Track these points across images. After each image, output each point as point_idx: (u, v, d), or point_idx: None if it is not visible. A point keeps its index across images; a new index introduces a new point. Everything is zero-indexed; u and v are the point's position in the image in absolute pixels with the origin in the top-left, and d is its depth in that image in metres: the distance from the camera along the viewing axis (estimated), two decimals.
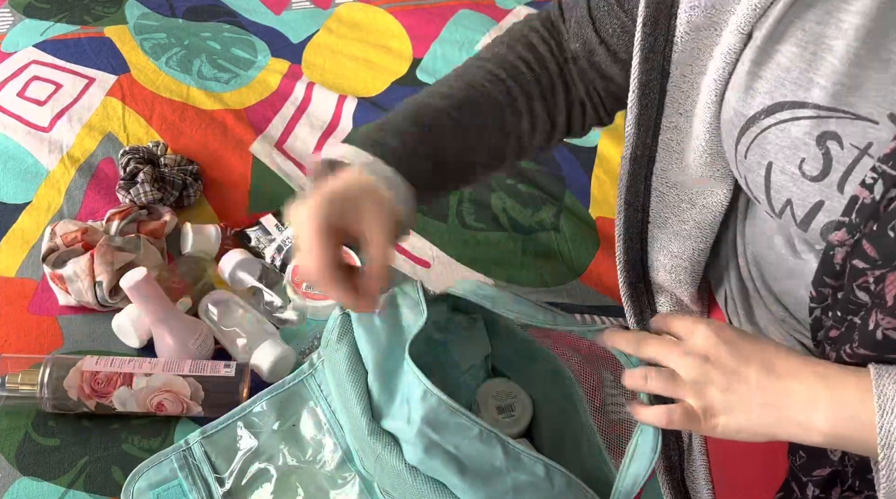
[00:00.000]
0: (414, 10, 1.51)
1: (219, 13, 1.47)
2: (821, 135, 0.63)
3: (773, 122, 0.66)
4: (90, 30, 1.39)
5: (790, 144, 0.65)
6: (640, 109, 0.77)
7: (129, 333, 0.94)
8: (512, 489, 0.67)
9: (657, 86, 0.74)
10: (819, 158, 0.64)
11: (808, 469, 0.72)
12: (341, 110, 1.30)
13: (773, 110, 0.66)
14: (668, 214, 0.83)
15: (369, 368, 0.74)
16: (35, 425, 0.88)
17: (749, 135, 0.68)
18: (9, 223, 1.09)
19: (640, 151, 0.80)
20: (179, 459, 0.83)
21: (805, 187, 0.65)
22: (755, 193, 0.71)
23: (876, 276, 0.60)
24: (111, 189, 1.13)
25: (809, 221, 0.66)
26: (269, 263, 1.06)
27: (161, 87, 1.30)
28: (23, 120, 1.23)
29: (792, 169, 0.65)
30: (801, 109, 0.64)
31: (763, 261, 0.79)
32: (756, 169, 0.69)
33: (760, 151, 0.68)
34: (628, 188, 0.83)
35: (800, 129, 0.64)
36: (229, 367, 0.89)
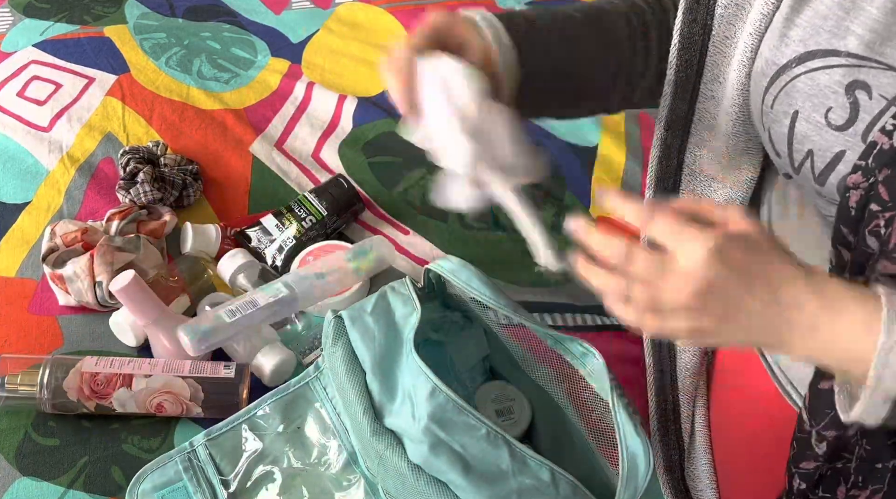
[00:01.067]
0: (414, 10, 1.51)
1: (219, 13, 1.47)
2: (850, 84, 0.63)
3: (803, 70, 0.65)
4: (90, 30, 1.39)
5: (818, 92, 0.65)
6: (679, 65, 0.75)
7: (126, 331, 0.94)
8: (516, 492, 0.67)
9: (698, 42, 0.74)
10: (846, 107, 0.63)
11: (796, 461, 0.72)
12: (341, 110, 1.30)
13: (805, 59, 0.65)
14: (698, 193, 0.82)
15: (367, 367, 0.74)
16: (35, 425, 0.88)
17: (778, 84, 0.68)
18: (9, 223, 1.09)
19: (674, 117, 0.79)
20: (184, 461, 0.83)
21: (828, 137, 0.65)
22: (777, 146, 0.70)
23: (886, 218, 0.60)
24: (111, 189, 1.13)
25: (828, 174, 0.65)
26: (270, 263, 1.06)
27: (161, 87, 1.30)
28: (22, 120, 1.22)
29: (817, 117, 0.65)
30: (833, 58, 0.64)
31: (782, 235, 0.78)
32: (781, 119, 0.68)
33: (788, 100, 0.67)
34: (660, 161, 0.82)
35: (830, 77, 0.64)
36: (229, 368, 0.89)
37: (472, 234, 1.15)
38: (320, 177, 1.20)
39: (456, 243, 1.13)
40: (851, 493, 0.71)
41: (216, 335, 0.89)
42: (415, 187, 1.20)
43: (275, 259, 1.06)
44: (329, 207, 1.09)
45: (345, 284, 0.99)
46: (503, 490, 0.67)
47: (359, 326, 0.76)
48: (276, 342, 0.95)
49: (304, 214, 1.08)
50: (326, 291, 0.97)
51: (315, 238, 1.08)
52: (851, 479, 0.71)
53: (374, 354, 0.74)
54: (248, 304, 0.91)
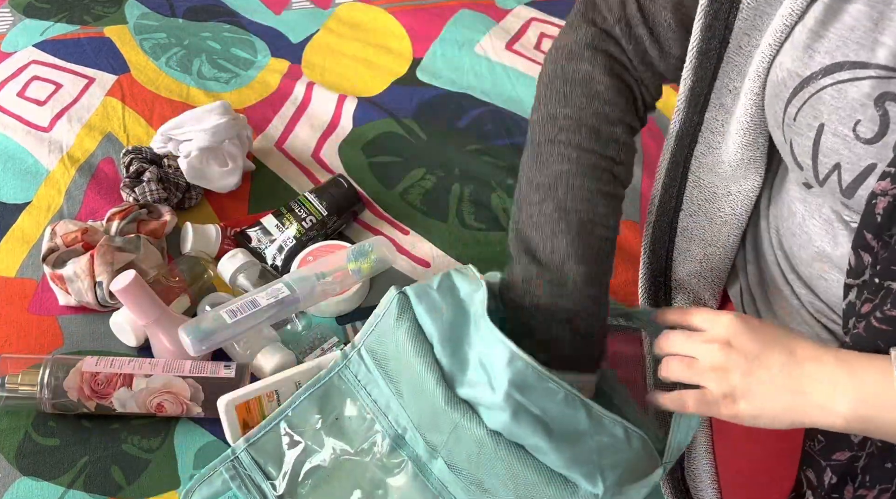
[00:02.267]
0: (414, 10, 1.51)
1: (219, 13, 1.47)
2: (880, 96, 0.62)
3: (830, 82, 0.65)
4: (90, 30, 1.39)
5: (846, 104, 0.64)
6: (694, 81, 0.76)
7: (126, 331, 0.95)
8: (596, 451, 0.69)
9: (714, 55, 0.73)
10: (876, 119, 0.62)
11: (829, 452, 0.72)
12: (341, 110, 1.30)
13: (832, 70, 0.65)
14: (702, 200, 0.83)
15: (434, 341, 0.74)
16: (35, 425, 0.88)
17: (802, 96, 0.67)
18: (9, 223, 1.09)
19: (686, 128, 0.79)
20: (229, 470, 0.82)
21: (857, 150, 0.64)
22: (800, 158, 0.69)
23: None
24: (111, 189, 1.13)
25: (857, 187, 0.65)
26: (270, 263, 1.06)
27: (161, 87, 1.30)
28: (23, 120, 1.23)
29: (845, 131, 0.64)
30: (862, 70, 0.63)
31: (792, 244, 0.78)
32: (805, 132, 0.67)
33: (813, 113, 0.66)
34: (668, 170, 0.83)
35: (858, 90, 0.63)
36: (229, 368, 0.89)
37: (472, 234, 1.15)
38: (320, 177, 1.20)
39: (456, 243, 1.13)
40: (859, 493, 0.71)
41: (217, 336, 0.89)
42: (415, 187, 1.20)
43: (275, 259, 1.06)
44: (329, 207, 1.09)
45: (346, 285, 0.99)
46: (584, 449, 0.69)
47: (425, 301, 0.76)
48: (277, 342, 0.95)
49: (304, 214, 1.08)
50: (327, 291, 0.97)
51: (315, 238, 1.08)
52: (859, 478, 0.71)
53: (443, 328, 0.74)
54: (249, 304, 0.91)
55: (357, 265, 0.99)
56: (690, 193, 0.83)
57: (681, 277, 0.90)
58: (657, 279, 0.91)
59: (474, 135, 1.28)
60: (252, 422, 0.86)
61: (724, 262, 0.86)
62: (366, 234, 1.13)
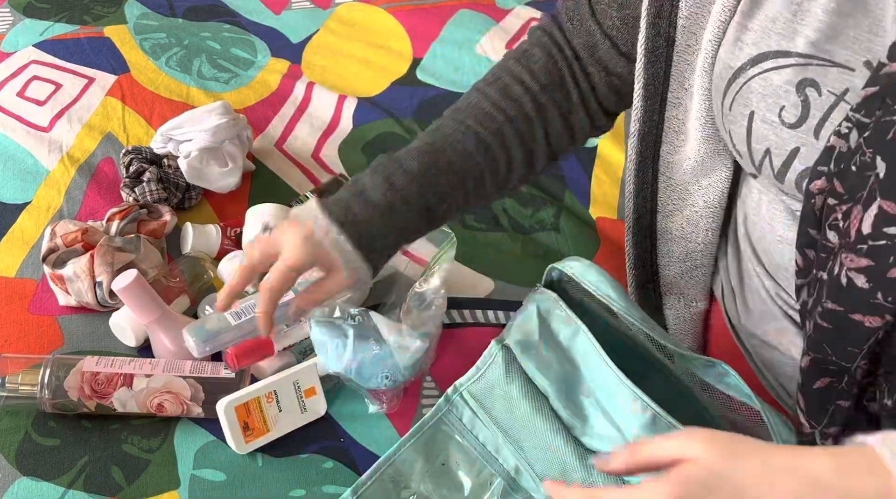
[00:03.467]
0: (414, 10, 1.51)
1: (219, 13, 1.47)
2: (800, 82, 0.66)
3: (757, 71, 0.68)
4: (90, 30, 1.39)
5: (772, 92, 0.67)
6: (647, 79, 0.78)
7: (126, 332, 0.94)
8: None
9: (663, 54, 0.76)
10: (798, 104, 0.66)
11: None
12: (341, 110, 1.30)
13: (758, 60, 0.68)
14: (675, 198, 0.84)
15: (550, 395, 0.75)
16: (35, 425, 0.88)
17: (734, 86, 0.71)
18: (9, 223, 1.09)
19: (647, 128, 0.81)
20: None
21: (783, 134, 0.67)
22: (738, 146, 0.73)
23: (843, 211, 0.62)
24: (111, 189, 1.13)
25: (786, 171, 0.68)
26: None
27: (161, 87, 1.30)
28: (23, 120, 1.22)
29: (772, 117, 0.68)
30: (784, 58, 0.67)
31: (756, 234, 0.80)
32: (739, 120, 0.71)
33: (744, 101, 0.70)
34: (636, 173, 0.84)
35: (781, 77, 0.67)
36: (229, 368, 0.89)
37: (472, 234, 1.15)
38: (320, 177, 1.21)
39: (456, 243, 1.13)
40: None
41: (221, 337, 0.89)
42: None
43: None
44: None
45: None
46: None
47: (531, 355, 0.76)
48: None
49: None
50: None
51: None
52: None
53: (556, 381, 0.75)
54: (253, 306, 0.91)
55: None
56: (663, 193, 0.85)
57: (668, 280, 0.90)
58: (646, 285, 0.91)
59: None
60: (252, 423, 0.86)
61: (707, 258, 0.87)
62: None
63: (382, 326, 0.87)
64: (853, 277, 0.60)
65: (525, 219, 1.18)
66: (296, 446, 0.88)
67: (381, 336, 0.86)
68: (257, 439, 0.87)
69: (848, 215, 0.61)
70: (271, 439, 0.87)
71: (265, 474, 0.86)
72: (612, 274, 1.11)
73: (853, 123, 0.62)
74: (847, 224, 0.62)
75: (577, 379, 0.74)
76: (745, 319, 0.85)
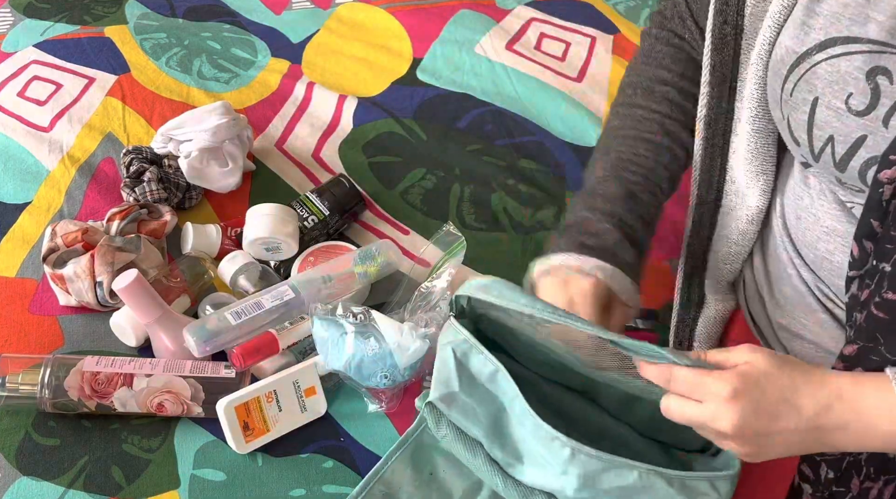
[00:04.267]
0: (414, 10, 1.51)
1: (219, 13, 1.47)
2: (871, 69, 0.64)
3: (824, 57, 0.67)
4: (90, 30, 1.39)
5: (839, 78, 0.66)
6: (714, 64, 0.78)
7: (126, 332, 0.95)
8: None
9: (731, 41, 0.76)
10: (867, 92, 0.65)
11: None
12: (341, 110, 1.30)
13: (826, 45, 0.67)
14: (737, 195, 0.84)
15: (482, 439, 0.75)
16: (35, 424, 0.88)
17: (798, 71, 0.69)
18: (9, 223, 1.09)
19: (714, 114, 0.81)
20: None
21: (849, 122, 0.66)
22: (796, 133, 0.71)
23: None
24: (111, 189, 1.13)
25: (849, 159, 0.67)
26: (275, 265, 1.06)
27: (161, 87, 1.30)
28: (23, 120, 1.23)
29: (838, 103, 0.66)
30: (854, 44, 0.65)
31: (797, 227, 0.79)
32: (801, 106, 0.69)
33: (808, 87, 0.69)
34: (703, 159, 0.84)
35: (851, 63, 0.66)
36: (230, 368, 0.89)
37: (472, 234, 1.15)
38: (321, 177, 1.21)
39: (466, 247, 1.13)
40: (865, 485, 0.72)
41: (222, 337, 0.89)
42: (415, 187, 1.20)
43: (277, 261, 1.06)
44: (331, 206, 1.09)
45: (350, 288, 0.99)
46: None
47: (455, 406, 0.76)
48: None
49: (305, 213, 1.08)
50: (332, 294, 0.97)
51: (317, 238, 1.08)
52: (864, 471, 0.71)
53: (485, 427, 0.75)
54: (253, 306, 0.92)
55: (364, 268, 0.99)
56: (728, 189, 0.85)
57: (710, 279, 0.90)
58: (692, 278, 0.91)
59: (474, 135, 1.28)
60: (253, 423, 0.86)
61: (741, 262, 0.87)
62: (366, 234, 1.13)
63: (383, 325, 0.87)
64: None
65: (525, 219, 1.18)
66: (296, 446, 0.89)
67: (381, 335, 0.86)
68: (257, 439, 0.87)
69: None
70: (271, 438, 0.87)
71: (265, 473, 0.86)
72: None
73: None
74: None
75: (505, 417, 0.74)
76: (774, 313, 0.84)
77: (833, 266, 0.75)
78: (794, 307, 0.82)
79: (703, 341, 0.94)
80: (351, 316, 0.88)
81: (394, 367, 0.86)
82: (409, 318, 0.91)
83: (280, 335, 0.91)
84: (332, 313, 0.89)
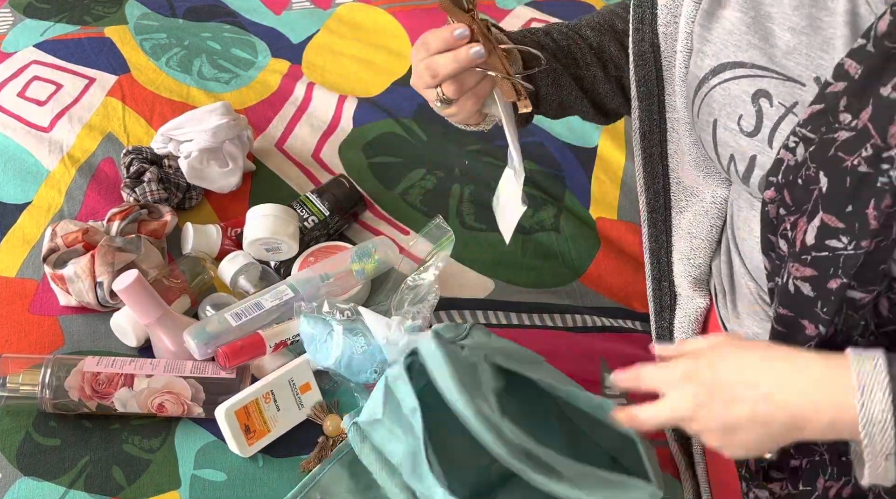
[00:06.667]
0: (414, 10, 1.51)
1: (219, 13, 1.47)
2: (755, 93, 0.69)
3: (718, 81, 0.72)
4: (90, 30, 1.39)
5: (730, 101, 0.71)
6: (639, 80, 0.82)
7: (127, 332, 0.95)
8: None
9: (650, 58, 0.81)
10: (753, 114, 0.69)
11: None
12: (341, 111, 1.30)
13: (718, 70, 0.72)
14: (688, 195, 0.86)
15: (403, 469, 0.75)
16: (36, 424, 0.88)
17: (700, 95, 0.74)
18: (9, 223, 1.09)
19: (647, 127, 0.84)
20: None
21: (742, 142, 0.70)
22: (708, 151, 0.76)
23: (791, 221, 0.65)
24: (112, 189, 1.13)
25: (749, 176, 0.71)
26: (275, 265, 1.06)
27: (161, 88, 1.30)
28: (23, 120, 1.23)
29: (732, 125, 0.71)
30: (740, 69, 0.70)
31: (739, 236, 0.82)
32: (706, 128, 0.74)
33: (708, 110, 0.73)
34: (644, 169, 0.87)
35: (739, 87, 0.70)
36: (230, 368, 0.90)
37: (472, 234, 1.15)
38: (321, 177, 1.21)
39: (456, 244, 1.13)
40: (828, 484, 0.73)
41: (222, 338, 0.89)
42: (415, 188, 1.20)
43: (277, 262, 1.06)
44: (331, 206, 1.09)
45: (349, 286, 0.99)
46: None
47: (378, 432, 0.76)
48: None
49: (306, 214, 1.08)
50: (331, 292, 0.97)
51: (317, 238, 1.08)
52: (829, 471, 0.72)
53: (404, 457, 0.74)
54: (253, 306, 0.92)
55: (361, 266, 0.99)
56: (675, 188, 0.87)
57: (678, 279, 0.91)
58: (662, 283, 0.92)
59: (474, 135, 1.28)
60: (253, 426, 0.86)
61: (705, 256, 0.88)
62: (366, 234, 1.13)
63: (371, 320, 0.87)
64: (799, 286, 0.64)
65: (525, 219, 1.18)
66: (296, 447, 0.89)
67: (369, 331, 0.86)
68: (259, 440, 0.87)
69: (795, 226, 0.65)
70: (272, 438, 0.88)
71: (265, 474, 0.86)
72: (611, 273, 1.13)
73: (800, 138, 0.64)
74: (794, 234, 0.65)
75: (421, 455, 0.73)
76: (733, 319, 0.85)
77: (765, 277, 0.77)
78: (748, 315, 0.83)
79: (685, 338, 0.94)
80: (338, 313, 0.88)
81: (384, 362, 0.86)
82: (396, 311, 0.91)
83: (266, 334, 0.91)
84: (319, 311, 0.89)
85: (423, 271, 0.95)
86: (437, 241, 1.02)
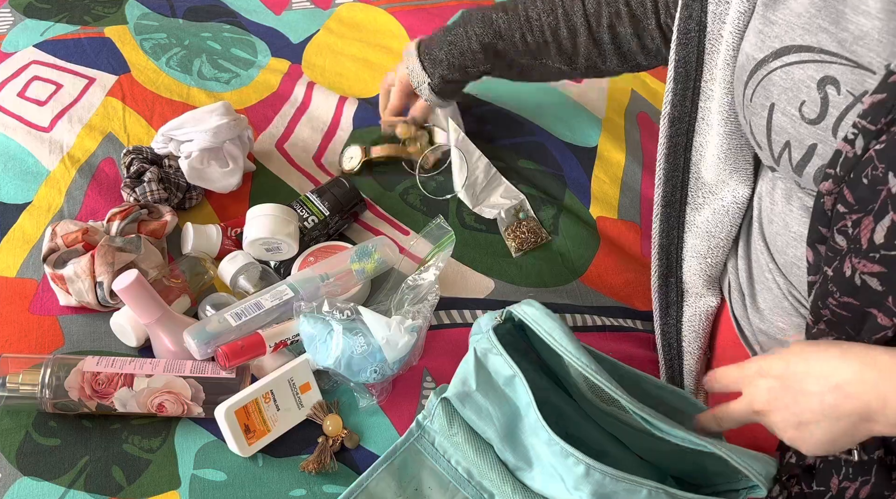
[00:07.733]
0: (414, 10, 1.51)
1: (219, 13, 1.47)
2: (822, 79, 0.66)
3: (779, 64, 0.69)
4: (90, 30, 1.39)
5: (793, 86, 0.68)
6: (678, 60, 0.80)
7: (127, 332, 0.95)
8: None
9: (695, 38, 0.78)
10: (818, 101, 0.67)
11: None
12: (342, 112, 1.30)
13: (781, 53, 0.69)
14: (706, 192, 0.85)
15: (494, 442, 0.75)
16: (36, 424, 0.88)
17: (756, 77, 0.71)
18: (9, 223, 1.09)
19: (678, 113, 0.82)
20: None
21: (802, 130, 0.68)
22: (758, 137, 0.73)
23: (853, 219, 0.64)
24: (112, 189, 1.13)
25: (804, 165, 0.69)
26: (275, 265, 1.06)
27: (161, 88, 1.30)
28: (23, 120, 1.22)
29: (792, 110, 0.68)
30: (807, 53, 0.67)
31: (771, 231, 0.80)
32: (760, 111, 0.71)
33: (765, 93, 0.70)
34: (666, 158, 0.85)
35: (803, 72, 0.67)
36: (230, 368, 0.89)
37: (472, 234, 1.15)
38: (321, 177, 1.21)
39: (456, 244, 1.13)
40: (843, 484, 0.72)
41: (222, 338, 0.89)
42: (415, 188, 1.20)
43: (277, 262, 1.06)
44: (331, 206, 1.09)
45: (349, 286, 0.99)
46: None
47: (470, 405, 0.76)
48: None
49: (305, 214, 1.08)
50: (331, 292, 0.97)
51: (317, 238, 1.08)
52: (843, 471, 0.72)
53: (498, 429, 0.75)
54: (253, 306, 0.92)
55: (361, 265, 0.99)
56: (694, 184, 0.85)
57: (689, 275, 0.91)
58: (669, 279, 0.92)
59: (474, 135, 1.28)
60: (253, 426, 0.86)
61: (723, 255, 0.87)
62: (366, 234, 1.13)
63: (370, 320, 0.87)
64: (867, 280, 0.62)
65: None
66: (296, 446, 0.89)
67: (369, 331, 0.86)
68: (259, 440, 0.87)
69: (858, 224, 0.63)
70: (272, 438, 0.88)
71: (265, 474, 0.86)
72: (612, 273, 1.12)
73: (859, 129, 0.62)
74: (857, 232, 0.63)
75: (519, 422, 0.74)
76: (754, 315, 0.85)
77: (801, 271, 0.76)
78: (772, 312, 0.83)
79: (691, 340, 0.94)
80: (337, 312, 0.88)
81: (383, 361, 0.86)
82: (396, 311, 0.91)
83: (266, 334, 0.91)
84: (319, 310, 0.89)
85: (424, 271, 0.95)
86: (437, 241, 1.02)
